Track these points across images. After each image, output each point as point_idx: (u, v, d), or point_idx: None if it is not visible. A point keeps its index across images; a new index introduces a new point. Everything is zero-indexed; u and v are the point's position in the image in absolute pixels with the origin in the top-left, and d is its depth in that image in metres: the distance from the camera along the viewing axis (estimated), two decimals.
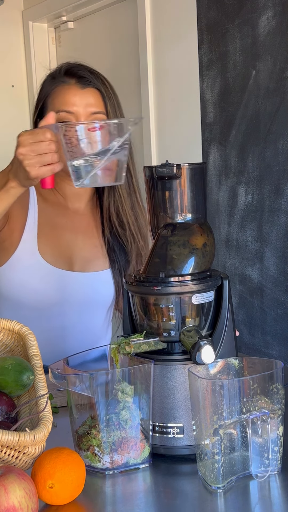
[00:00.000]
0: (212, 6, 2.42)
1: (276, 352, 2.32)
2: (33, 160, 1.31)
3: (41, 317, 1.68)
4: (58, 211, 1.72)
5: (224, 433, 1.03)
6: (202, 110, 2.52)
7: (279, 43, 2.19)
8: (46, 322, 1.69)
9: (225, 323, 1.18)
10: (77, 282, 1.70)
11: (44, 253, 1.66)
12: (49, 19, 3.44)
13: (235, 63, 2.36)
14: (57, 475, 1.00)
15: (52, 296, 1.68)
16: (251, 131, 2.32)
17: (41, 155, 1.32)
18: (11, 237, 1.66)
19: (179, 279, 1.13)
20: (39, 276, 1.66)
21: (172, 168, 1.14)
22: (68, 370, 1.12)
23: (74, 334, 1.74)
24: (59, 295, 1.68)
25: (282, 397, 1.07)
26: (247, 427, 1.05)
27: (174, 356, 1.15)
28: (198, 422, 1.06)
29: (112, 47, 3.11)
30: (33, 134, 1.32)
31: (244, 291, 2.42)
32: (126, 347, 1.14)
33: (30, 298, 1.67)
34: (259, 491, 1.04)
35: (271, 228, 2.29)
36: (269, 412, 1.05)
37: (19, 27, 3.56)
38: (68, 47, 3.46)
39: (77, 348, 1.73)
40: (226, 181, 2.44)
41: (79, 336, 1.75)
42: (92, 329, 1.77)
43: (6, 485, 0.92)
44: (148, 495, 1.08)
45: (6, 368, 1.14)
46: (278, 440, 1.07)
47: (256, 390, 1.07)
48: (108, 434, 1.11)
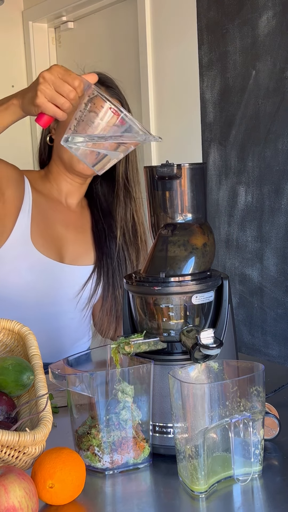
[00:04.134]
0: (212, 6, 2.42)
1: (276, 352, 2.32)
2: (47, 91, 1.28)
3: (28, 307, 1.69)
4: (51, 204, 1.75)
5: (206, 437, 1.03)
6: (202, 110, 2.52)
7: (279, 43, 2.19)
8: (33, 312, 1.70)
9: (225, 323, 1.18)
10: (67, 274, 1.72)
11: (36, 242, 1.68)
12: (49, 19, 3.44)
13: (235, 63, 2.36)
14: (57, 475, 1.00)
15: (41, 287, 1.69)
16: (251, 131, 2.32)
17: (57, 93, 1.28)
18: (4, 221, 1.66)
19: (179, 279, 1.13)
20: (30, 265, 1.67)
21: (172, 168, 1.14)
22: (68, 370, 1.12)
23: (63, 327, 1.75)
24: (48, 286, 1.70)
25: (263, 400, 1.07)
26: (229, 430, 1.04)
27: (174, 356, 1.15)
28: (179, 426, 1.05)
29: (112, 47, 3.11)
30: (66, 73, 1.28)
31: (244, 291, 2.42)
32: (125, 347, 1.14)
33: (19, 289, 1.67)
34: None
35: (271, 228, 2.29)
36: (250, 415, 1.04)
37: (19, 27, 3.56)
38: (68, 47, 3.46)
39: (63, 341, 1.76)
40: (226, 181, 2.44)
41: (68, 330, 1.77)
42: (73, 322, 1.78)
43: (6, 485, 0.92)
44: (148, 495, 1.08)
45: (6, 368, 1.14)
46: (259, 443, 1.06)
47: (236, 393, 1.06)
48: (108, 434, 1.11)
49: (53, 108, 1.29)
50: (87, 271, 1.76)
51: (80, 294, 1.74)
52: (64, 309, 1.74)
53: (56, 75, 1.28)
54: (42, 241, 1.69)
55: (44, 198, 1.74)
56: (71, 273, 1.73)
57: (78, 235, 1.77)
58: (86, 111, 1.25)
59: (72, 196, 1.77)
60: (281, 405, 1.27)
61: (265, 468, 1.08)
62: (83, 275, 1.75)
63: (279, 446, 1.17)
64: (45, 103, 1.28)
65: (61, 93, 1.28)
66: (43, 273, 1.69)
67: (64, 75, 1.28)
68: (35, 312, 1.70)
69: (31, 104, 1.31)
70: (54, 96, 1.28)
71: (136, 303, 1.18)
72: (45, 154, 1.79)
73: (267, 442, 1.16)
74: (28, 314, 1.68)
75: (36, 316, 1.70)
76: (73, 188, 1.75)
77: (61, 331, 1.76)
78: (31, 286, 1.68)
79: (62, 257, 1.73)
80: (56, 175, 1.74)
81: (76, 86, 1.27)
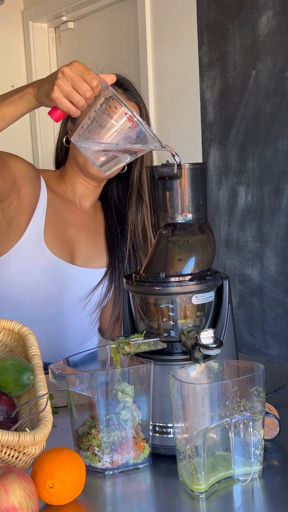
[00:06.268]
0: (212, 6, 2.42)
1: (276, 352, 2.32)
2: (65, 86, 1.27)
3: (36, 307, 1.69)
4: (65, 206, 1.75)
5: (206, 437, 1.03)
6: (202, 110, 2.52)
7: (279, 43, 2.19)
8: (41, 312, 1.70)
9: (225, 323, 1.18)
10: (78, 276, 1.71)
11: (49, 242, 1.68)
12: (49, 19, 3.44)
13: (235, 63, 2.36)
14: (57, 475, 1.00)
15: (50, 288, 1.69)
16: (251, 131, 2.32)
17: (74, 90, 1.27)
18: (19, 218, 1.66)
19: (179, 279, 1.13)
20: (41, 266, 1.67)
21: (172, 168, 1.14)
22: (68, 370, 1.12)
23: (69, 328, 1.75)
24: (58, 287, 1.70)
25: (263, 400, 1.07)
26: (229, 430, 1.04)
27: (174, 356, 1.15)
28: (179, 426, 1.05)
29: (112, 47, 3.11)
30: (86, 71, 1.28)
31: (244, 291, 2.42)
32: (125, 347, 1.14)
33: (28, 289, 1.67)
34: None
35: (271, 228, 2.29)
36: (251, 415, 1.04)
37: (19, 27, 3.56)
38: (68, 47, 3.46)
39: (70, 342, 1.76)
40: (226, 181, 2.44)
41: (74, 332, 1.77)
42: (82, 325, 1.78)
43: (6, 485, 0.92)
44: (148, 495, 1.08)
45: (6, 368, 1.14)
46: (259, 444, 1.06)
47: (236, 393, 1.06)
48: (108, 434, 1.11)
49: (68, 104, 1.28)
50: (98, 274, 1.75)
51: (89, 297, 1.74)
52: (72, 310, 1.74)
53: (75, 72, 1.27)
54: (55, 241, 1.69)
55: (58, 199, 1.74)
56: (82, 275, 1.73)
57: (91, 237, 1.77)
58: (101, 111, 1.25)
59: (86, 198, 1.77)
60: (281, 405, 1.27)
61: (265, 468, 1.08)
62: (94, 278, 1.75)
63: (279, 446, 1.17)
64: (61, 98, 1.28)
65: (77, 91, 1.27)
66: (54, 274, 1.68)
67: (84, 73, 1.27)
68: (43, 312, 1.70)
69: (46, 96, 1.30)
70: (71, 92, 1.27)
71: (136, 303, 1.18)
72: (62, 155, 1.79)
73: (267, 442, 1.16)
74: (35, 314, 1.68)
75: (44, 317, 1.70)
76: (88, 190, 1.75)
77: (68, 332, 1.76)
78: (41, 287, 1.68)
79: (74, 259, 1.72)
80: (71, 177, 1.74)
81: (94, 86, 1.27)
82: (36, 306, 1.69)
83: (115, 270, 1.76)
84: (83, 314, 1.76)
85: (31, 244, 1.66)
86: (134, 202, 1.76)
